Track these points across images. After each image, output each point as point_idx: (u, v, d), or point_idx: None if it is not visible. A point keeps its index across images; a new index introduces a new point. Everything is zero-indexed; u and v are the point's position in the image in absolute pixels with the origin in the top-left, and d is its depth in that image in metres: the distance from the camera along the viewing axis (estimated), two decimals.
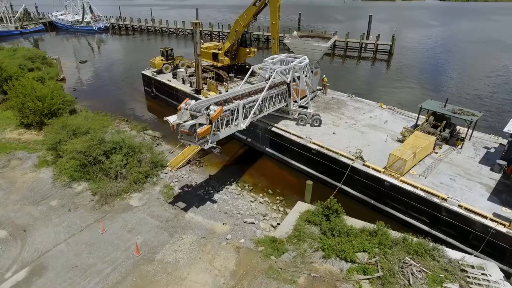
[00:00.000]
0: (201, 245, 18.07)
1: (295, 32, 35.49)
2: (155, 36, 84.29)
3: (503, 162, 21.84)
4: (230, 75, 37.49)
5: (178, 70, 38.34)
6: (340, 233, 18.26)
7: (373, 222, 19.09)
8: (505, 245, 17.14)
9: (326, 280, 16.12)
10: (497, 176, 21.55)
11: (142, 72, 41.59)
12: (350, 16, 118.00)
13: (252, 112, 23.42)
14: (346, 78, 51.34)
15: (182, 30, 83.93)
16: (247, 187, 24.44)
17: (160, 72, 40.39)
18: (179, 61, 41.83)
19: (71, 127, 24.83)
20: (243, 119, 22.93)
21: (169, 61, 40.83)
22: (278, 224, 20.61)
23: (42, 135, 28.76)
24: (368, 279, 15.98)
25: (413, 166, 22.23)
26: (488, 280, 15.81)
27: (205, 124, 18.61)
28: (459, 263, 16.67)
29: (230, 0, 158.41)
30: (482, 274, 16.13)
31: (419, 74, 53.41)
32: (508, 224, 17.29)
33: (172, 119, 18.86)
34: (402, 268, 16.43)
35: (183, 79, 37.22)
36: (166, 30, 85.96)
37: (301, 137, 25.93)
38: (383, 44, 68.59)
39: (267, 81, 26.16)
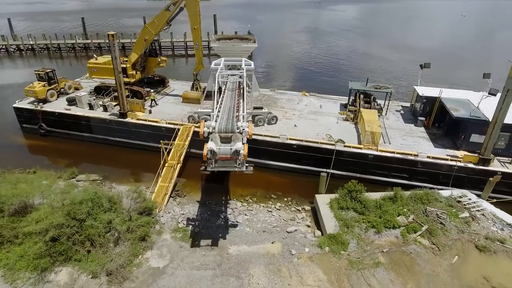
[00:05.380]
0: (275, 272, 16.60)
1: (213, 36, 34.37)
2: None
3: (423, 118, 29.13)
4: (146, 89, 32.87)
5: (79, 94, 30.51)
6: (373, 208, 20.50)
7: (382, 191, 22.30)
8: (465, 174, 23.59)
9: (395, 249, 18.12)
10: (423, 129, 28.64)
11: (15, 105, 30.73)
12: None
13: None
14: None
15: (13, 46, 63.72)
16: (250, 200, 23.25)
17: (45, 101, 31.02)
18: (65, 84, 33.22)
19: (9, 199, 16.70)
20: None
21: (52, 86, 31.78)
22: (310, 222, 21.00)
23: None
24: (420, 234, 18.94)
25: None
26: (474, 202, 21.57)
27: (242, 143, 16.68)
28: (453, 198, 21.86)
29: (33, 6, 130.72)
30: (469, 199, 21.83)
31: (282, 60, 61.51)
32: (461, 159, 23.80)
33: (214, 146, 15.85)
34: (428, 216, 20.24)
35: (90, 104, 30.03)
36: None
37: (276, 137, 26.33)
38: None
39: (229, 90, 24.87)
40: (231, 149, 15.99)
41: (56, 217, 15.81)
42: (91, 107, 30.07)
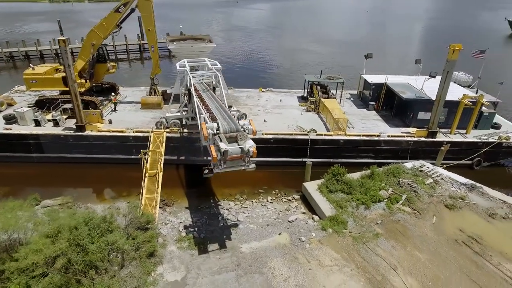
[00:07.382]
0: (293, 260, 17.25)
1: (167, 38, 32.96)
2: None
3: (373, 103, 32.52)
4: (100, 99, 30.13)
5: (19, 110, 26.45)
6: (357, 187, 22.47)
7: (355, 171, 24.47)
8: (419, 147, 27.22)
9: (386, 220, 20.28)
10: (375, 112, 31.99)
11: None
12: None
13: None
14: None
15: None
16: (241, 198, 23.39)
17: None
18: None
19: None
20: None
21: None
22: (304, 209, 22.11)
23: None
24: (401, 203, 21.47)
25: None
26: (432, 170, 25.14)
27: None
28: (415, 168, 25.11)
29: None
30: (428, 167, 25.34)
31: (221, 59, 61.76)
32: (414, 134, 27.41)
33: (227, 147, 15.55)
34: (402, 187, 23.02)
35: (36, 120, 26.43)
36: None
37: None
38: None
39: (202, 91, 24.54)
40: (240, 148, 16.03)
41: (58, 244, 13.94)
42: (37, 123, 26.49)
